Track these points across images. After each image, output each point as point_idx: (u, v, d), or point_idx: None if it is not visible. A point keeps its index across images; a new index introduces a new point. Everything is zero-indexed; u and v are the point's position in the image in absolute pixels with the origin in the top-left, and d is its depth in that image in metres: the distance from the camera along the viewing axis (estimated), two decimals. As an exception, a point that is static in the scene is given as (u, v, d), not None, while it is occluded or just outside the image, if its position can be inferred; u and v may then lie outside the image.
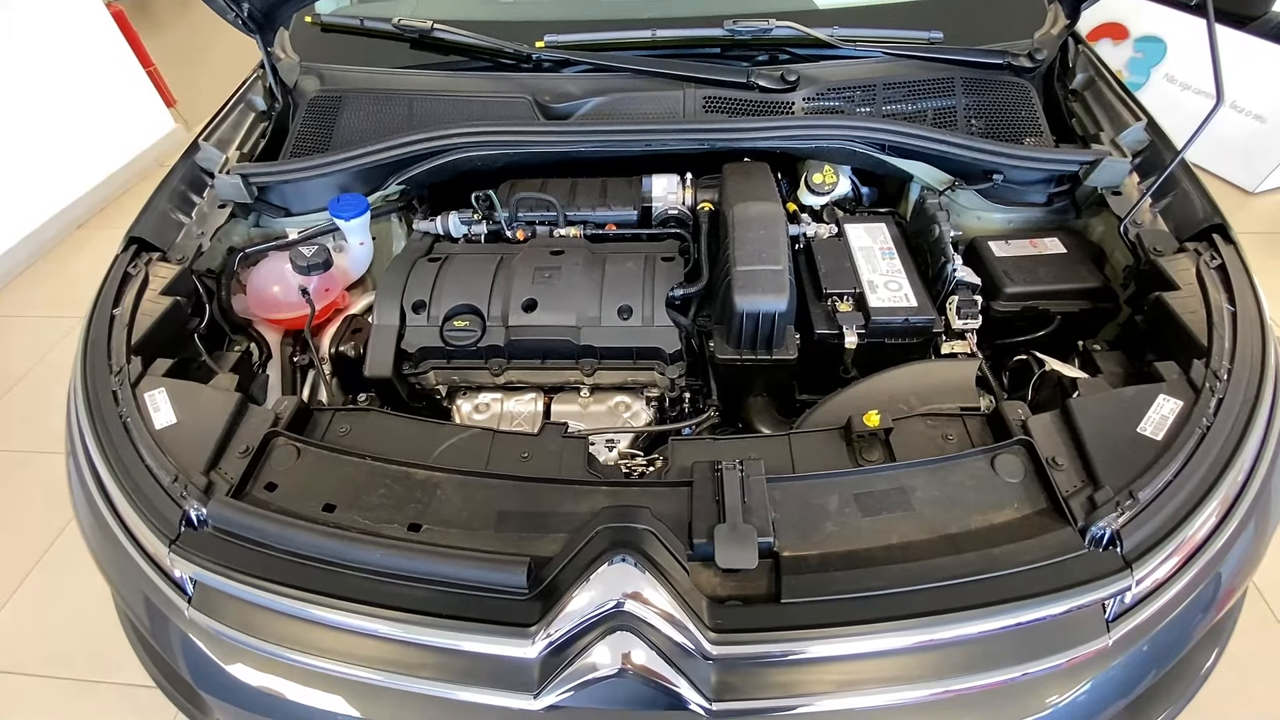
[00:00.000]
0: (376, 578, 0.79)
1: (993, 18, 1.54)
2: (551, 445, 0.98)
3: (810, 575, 0.76)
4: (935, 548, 0.79)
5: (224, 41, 5.50)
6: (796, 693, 0.74)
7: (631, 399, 1.21)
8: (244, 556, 0.81)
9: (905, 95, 1.39)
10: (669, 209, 1.37)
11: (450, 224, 1.38)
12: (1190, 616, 0.84)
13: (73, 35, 3.63)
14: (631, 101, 1.39)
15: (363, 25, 1.51)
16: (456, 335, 1.17)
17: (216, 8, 1.35)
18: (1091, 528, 0.77)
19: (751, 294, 1.09)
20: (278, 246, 1.37)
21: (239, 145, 1.40)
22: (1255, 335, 0.93)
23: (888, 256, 1.26)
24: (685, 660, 0.73)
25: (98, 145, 3.80)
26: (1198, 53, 3.46)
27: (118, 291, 1.11)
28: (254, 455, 0.91)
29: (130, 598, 0.94)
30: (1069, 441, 0.87)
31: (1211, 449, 0.82)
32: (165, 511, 0.85)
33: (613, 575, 0.74)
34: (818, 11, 1.60)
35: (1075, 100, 1.37)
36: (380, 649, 0.78)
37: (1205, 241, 1.07)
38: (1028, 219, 1.33)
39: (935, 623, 0.73)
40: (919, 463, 0.87)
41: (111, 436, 0.92)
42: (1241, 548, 0.87)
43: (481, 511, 0.86)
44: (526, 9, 1.70)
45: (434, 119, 1.40)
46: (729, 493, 0.81)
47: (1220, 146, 3.47)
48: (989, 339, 1.23)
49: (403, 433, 1.01)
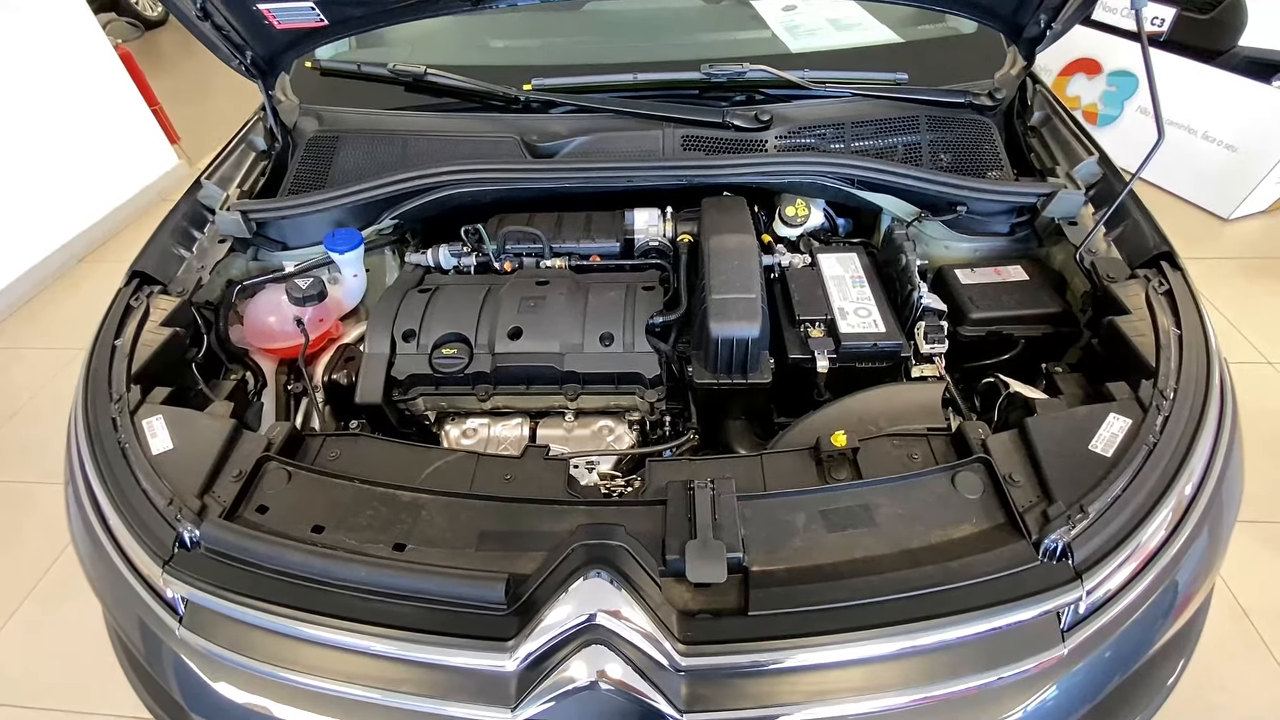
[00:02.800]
0: (362, 595, 0.82)
1: (955, 60, 1.63)
2: (533, 467, 1.02)
3: (777, 589, 0.80)
4: (897, 561, 0.83)
5: (226, 81, 5.66)
6: (766, 703, 0.77)
7: (614, 423, 1.25)
8: (235, 576, 0.85)
9: (873, 133, 1.46)
10: (650, 241, 1.43)
11: (441, 256, 1.44)
12: (1150, 622, 0.87)
13: (81, 74, 3.76)
14: (614, 140, 1.46)
15: (360, 70, 1.59)
16: (445, 363, 1.22)
17: (222, 56, 1.43)
18: (1044, 541, 0.81)
19: (726, 321, 1.14)
20: (275, 279, 1.42)
21: (239, 183, 1.47)
22: (1200, 357, 0.98)
23: (858, 285, 1.32)
24: (657, 672, 0.76)
25: (102, 180, 3.90)
26: (1168, 87, 3.60)
27: (119, 323, 1.16)
28: (246, 479, 0.95)
29: (123, 619, 0.96)
30: (1025, 459, 0.91)
31: (1158, 464, 0.87)
32: (159, 533, 0.89)
33: (588, 590, 0.78)
34: (790, 55, 1.69)
35: (1033, 136, 1.45)
36: (365, 665, 0.81)
37: (1154, 268, 1.13)
38: (992, 248, 1.40)
39: (897, 633, 0.76)
40: (883, 480, 0.91)
41: (109, 461, 0.96)
42: (1195, 556, 0.90)
43: (464, 531, 0.89)
44: (514, 55, 1.79)
45: (426, 158, 1.46)
46: (700, 510, 0.85)
47: (1195, 176, 3.59)
48: (957, 363, 1.28)
49: (391, 457, 1.05)
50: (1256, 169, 3.34)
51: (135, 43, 5.44)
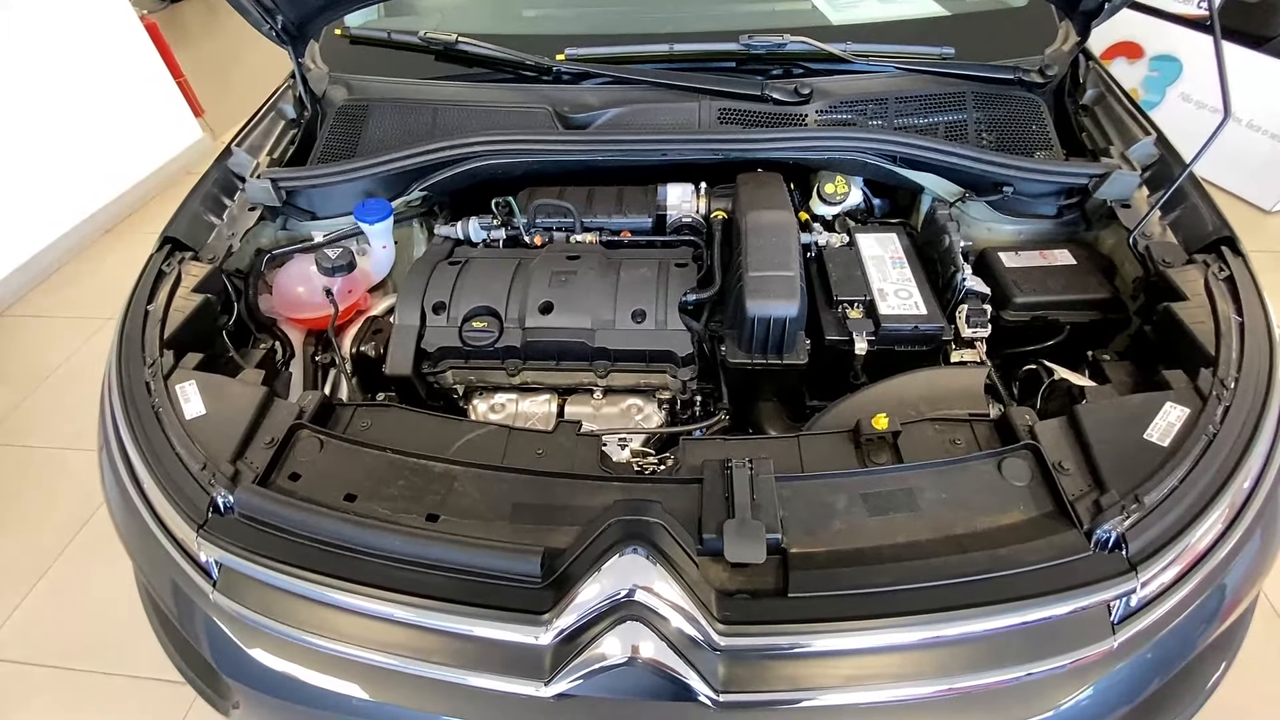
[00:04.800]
0: (395, 564, 0.81)
1: (1004, 34, 1.57)
2: (566, 443, 1.00)
3: (817, 571, 0.78)
4: (941, 547, 0.80)
5: (251, 54, 5.67)
6: (803, 686, 0.75)
7: (644, 401, 1.24)
8: (268, 542, 0.84)
9: (917, 109, 1.41)
10: (683, 217, 1.40)
11: (470, 229, 1.42)
12: (1195, 623, 0.84)
13: (108, 45, 3.76)
14: (648, 113, 1.43)
15: (390, 38, 1.57)
16: (475, 336, 1.20)
17: (252, 20, 1.41)
18: (1097, 530, 0.78)
19: (763, 299, 1.11)
20: (304, 249, 1.41)
21: (269, 151, 1.45)
22: (1263, 346, 0.94)
23: (898, 265, 1.28)
24: (694, 651, 0.75)
25: (128, 152, 3.92)
26: (1212, 72, 3.47)
27: (152, 288, 1.16)
28: (279, 446, 0.94)
29: (156, 582, 0.97)
30: (1075, 446, 0.88)
31: (1217, 456, 0.83)
32: (194, 497, 0.89)
33: (624, 566, 0.76)
34: (831, 27, 1.64)
35: (1085, 115, 1.40)
36: (397, 634, 0.81)
37: (1214, 254, 1.09)
38: (1037, 231, 1.35)
39: (940, 619, 0.74)
40: (926, 464, 0.88)
41: (144, 425, 0.96)
42: (1248, 557, 0.87)
43: (497, 504, 0.88)
44: (548, 23, 1.75)
45: (457, 128, 1.44)
46: (738, 490, 0.83)
47: (1236, 165, 3.46)
48: (998, 348, 1.24)
49: (422, 428, 1.04)
50: (1303, 160, 3.22)
51: (160, 14, 5.44)
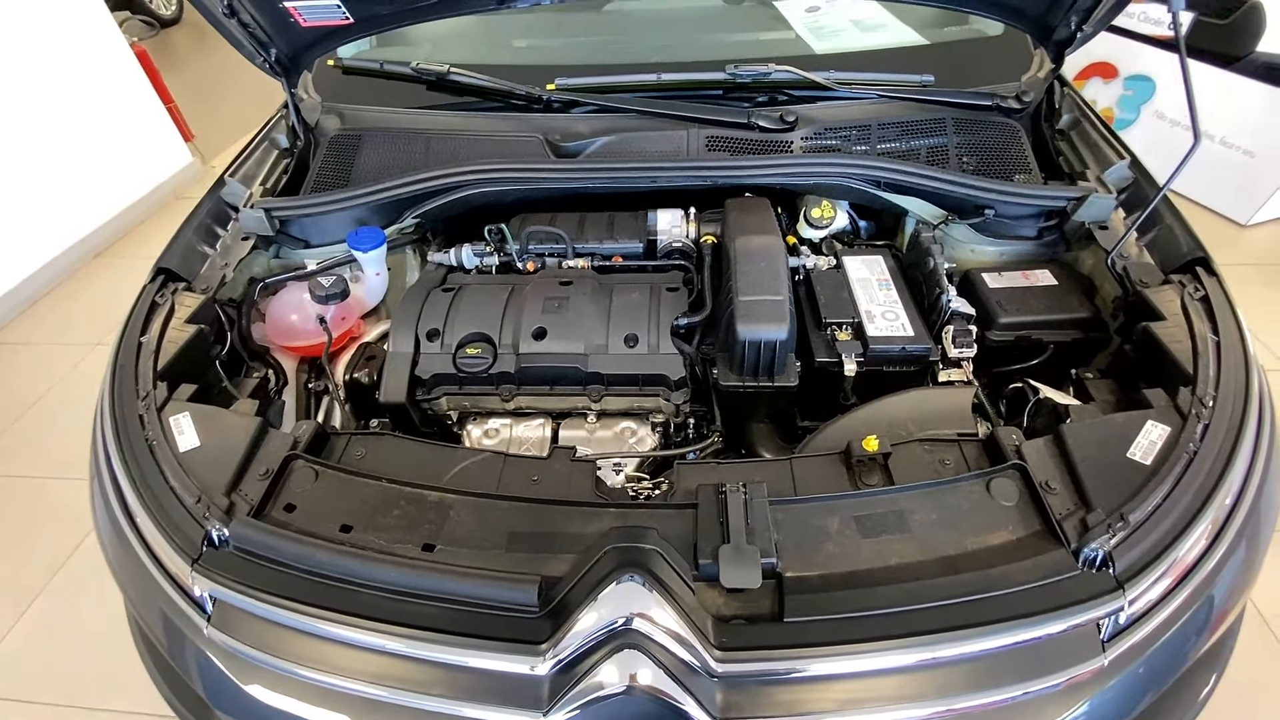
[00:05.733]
0: (391, 596, 0.81)
1: (981, 62, 1.62)
2: (561, 468, 1.01)
3: (812, 595, 0.79)
4: (933, 569, 0.82)
5: (241, 78, 5.68)
6: (801, 711, 0.76)
7: (637, 425, 1.25)
8: (264, 575, 0.84)
9: (899, 134, 1.45)
10: (673, 242, 1.43)
11: (464, 256, 1.43)
12: (1185, 638, 0.86)
13: (98, 71, 3.78)
14: (638, 140, 1.46)
15: (382, 68, 1.59)
16: (469, 362, 1.21)
17: (245, 54, 1.43)
18: (1084, 549, 0.80)
19: (753, 323, 1.13)
20: (297, 277, 1.42)
21: (262, 181, 1.47)
22: (1238, 364, 0.97)
23: (884, 287, 1.31)
24: (691, 678, 0.75)
25: (117, 177, 3.92)
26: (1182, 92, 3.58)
27: (145, 319, 1.16)
28: (274, 477, 0.95)
29: (149, 616, 0.96)
30: (1061, 466, 0.90)
31: (1199, 473, 0.85)
32: (188, 531, 0.89)
33: (621, 594, 0.77)
34: (814, 56, 1.68)
35: (1062, 139, 1.44)
36: (394, 666, 0.80)
37: (1189, 274, 1.12)
38: (1019, 252, 1.38)
39: (933, 641, 0.75)
40: (916, 486, 0.90)
41: (137, 458, 0.96)
42: (1233, 570, 0.89)
43: (493, 532, 0.89)
44: (538, 54, 1.78)
45: (449, 157, 1.46)
46: (733, 514, 0.84)
47: (1213, 181, 3.56)
48: (985, 368, 1.26)
49: (417, 456, 1.04)
50: (1274, 174, 3.31)
51: (150, 40, 5.47)
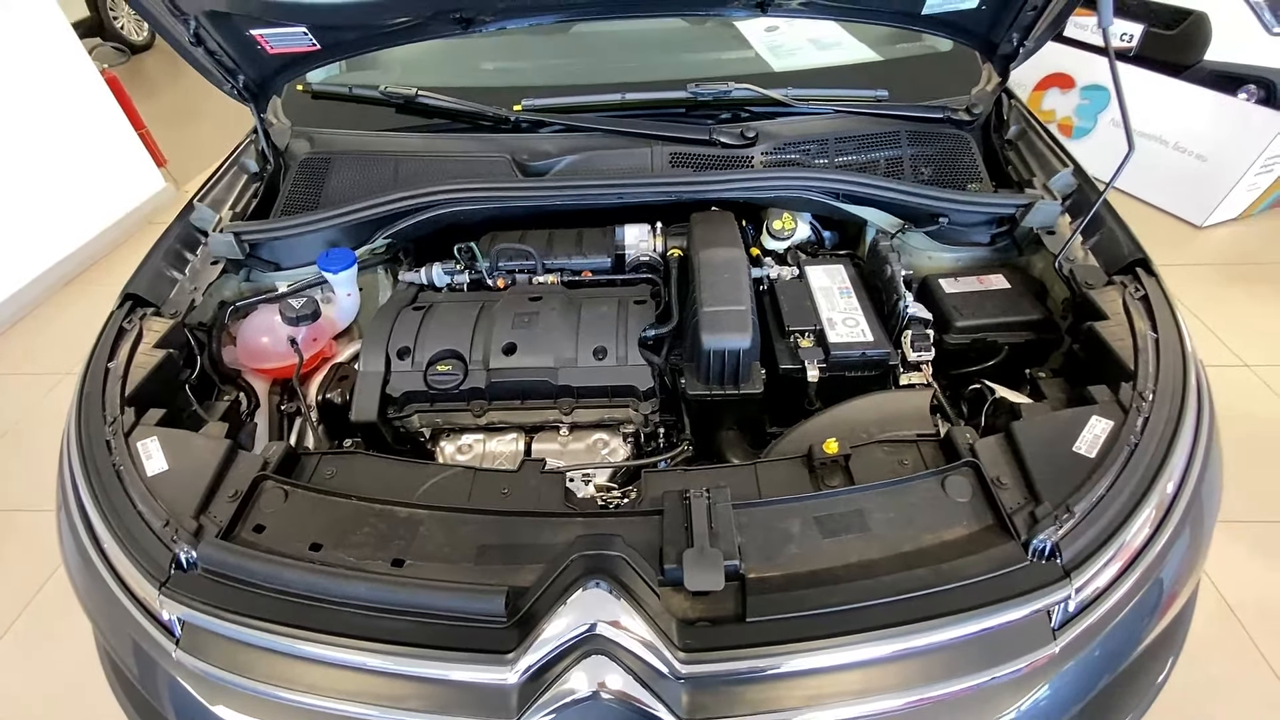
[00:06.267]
0: (362, 612, 0.82)
1: (933, 77, 1.68)
2: (530, 481, 1.02)
3: (774, 595, 0.81)
4: (891, 565, 0.84)
5: (213, 104, 5.67)
6: (765, 709, 0.77)
7: (609, 436, 1.26)
8: (232, 596, 0.84)
9: (856, 147, 1.50)
10: (641, 256, 1.46)
11: (434, 274, 1.45)
12: (1135, 622, 0.89)
13: (68, 100, 3.77)
14: (604, 158, 1.49)
15: (351, 92, 1.62)
16: (440, 379, 1.23)
17: (214, 81, 1.45)
18: (1033, 541, 0.83)
19: (718, 333, 1.16)
20: (268, 300, 1.43)
21: (231, 205, 1.48)
22: (1176, 359, 1.01)
23: (845, 295, 1.35)
24: (658, 681, 0.77)
25: (89, 204, 3.89)
26: (1140, 100, 3.72)
27: (113, 345, 1.16)
28: (243, 499, 0.95)
29: (118, 644, 0.95)
30: (1012, 462, 0.93)
31: (1140, 464, 0.89)
32: (155, 555, 0.89)
33: (587, 601, 0.78)
34: (773, 74, 1.74)
35: (1010, 149, 1.50)
36: (366, 682, 0.81)
37: (1130, 274, 1.17)
38: (974, 257, 1.43)
39: (893, 635, 0.77)
40: (874, 485, 0.93)
41: (104, 484, 0.96)
42: (1179, 555, 0.92)
43: (462, 546, 0.90)
44: (505, 76, 1.82)
45: (419, 177, 1.48)
46: (697, 519, 0.86)
47: (1169, 185, 3.69)
48: (943, 370, 1.30)
49: (388, 473, 1.05)
50: (1226, 177, 3.44)
51: (121, 67, 5.44)
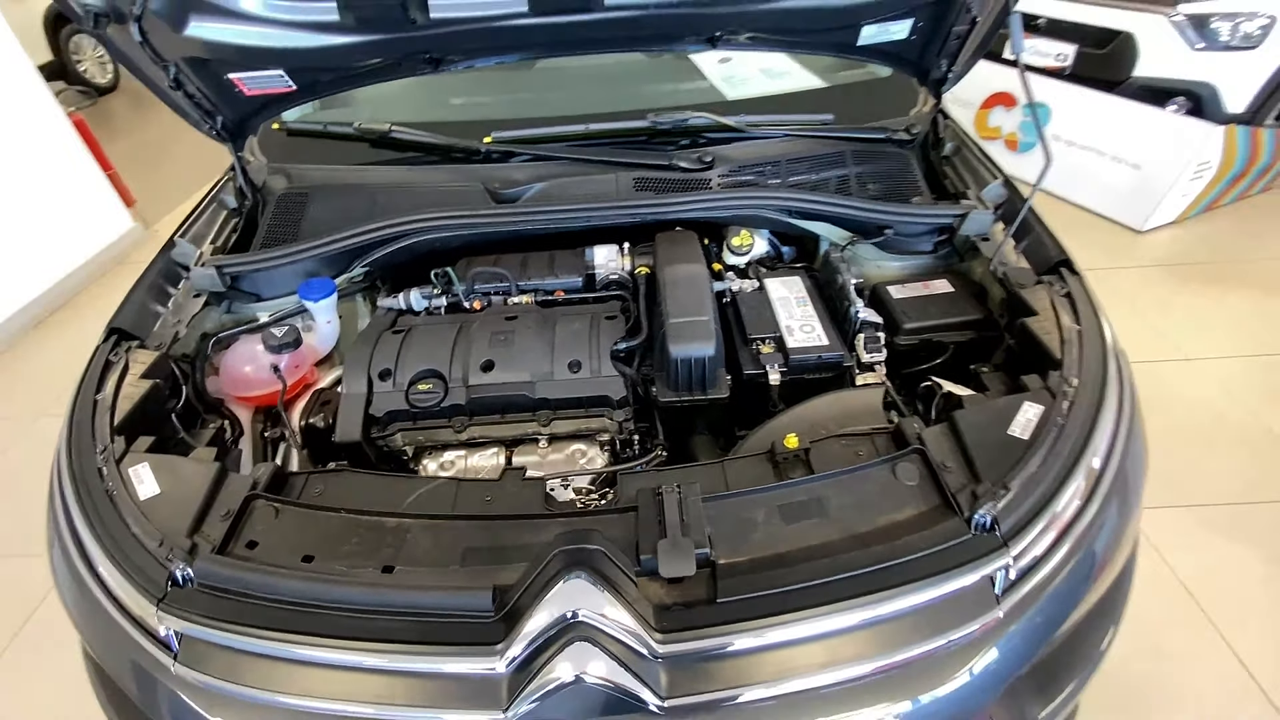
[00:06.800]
0: (355, 615, 0.87)
1: (874, 101, 1.81)
2: (512, 489, 1.08)
3: (742, 577, 0.88)
4: (848, 545, 0.91)
5: (182, 143, 5.71)
6: (738, 683, 0.83)
7: (587, 446, 1.33)
8: (229, 608, 0.88)
9: (806, 168, 1.61)
10: (610, 274, 1.54)
11: (412, 299, 1.51)
12: (1073, 586, 0.96)
13: (36, 144, 3.77)
14: (571, 184, 1.58)
15: (326, 129, 1.69)
16: (421, 398, 1.28)
17: (192, 122, 1.51)
18: (974, 516, 0.91)
19: (684, 342, 1.24)
20: (249, 330, 1.47)
21: (212, 240, 1.53)
22: (1097, 349, 1.12)
23: (802, 304, 1.44)
24: (638, 663, 0.83)
25: (59, 245, 3.88)
26: (1077, 114, 3.96)
27: (100, 377, 1.20)
28: (235, 517, 0.99)
29: (115, 665, 0.98)
30: (955, 447, 1.02)
31: (1067, 442, 0.99)
32: (152, 573, 0.92)
33: (569, 592, 0.84)
34: (727, 102, 1.85)
35: (947, 164, 1.62)
36: (362, 682, 0.85)
37: (1056, 275, 1.28)
38: (919, 265, 1.54)
39: (850, 607, 0.85)
40: (831, 474, 1.00)
41: (98, 509, 0.99)
42: (1108, 524, 1.01)
43: (448, 550, 0.95)
44: (474, 110, 1.91)
45: (395, 208, 1.55)
46: (669, 512, 0.93)
47: (1109, 193, 3.90)
48: (895, 369, 1.40)
49: (374, 488, 1.10)
50: (1161, 184, 3.66)
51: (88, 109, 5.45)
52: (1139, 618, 1.89)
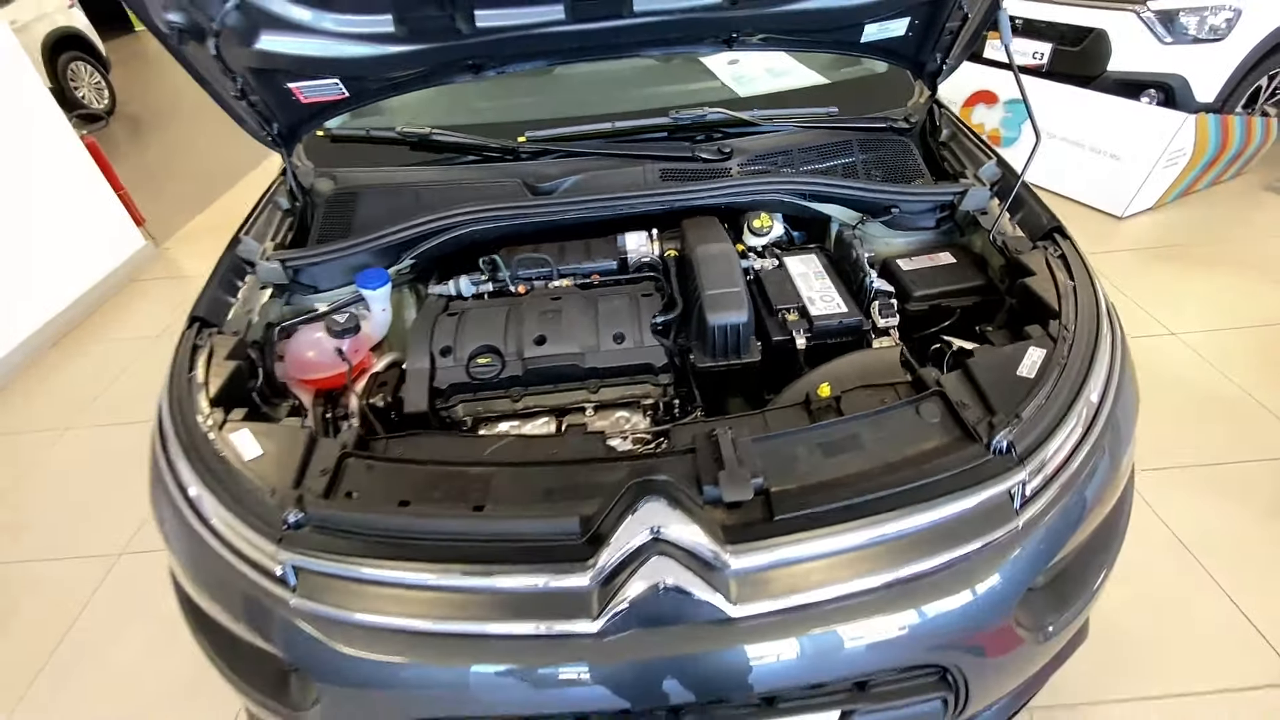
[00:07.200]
0: (456, 543, 0.98)
1: (875, 94, 1.97)
2: (575, 442, 1.20)
3: (793, 499, 1.00)
4: (883, 471, 1.04)
5: (178, 166, 5.83)
6: (793, 589, 0.96)
7: (630, 413, 1.45)
8: (342, 544, 1.00)
9: (816, 157, 1.76)
10: (641, 258, 1.67)
11: (462, 285, 1.64)
12: (1078, 503, 1.09)
13: (51, 165, 3.88)
14: (602, 177, 1.71)
15: (369, 134, 1.81)
16: (481, 370, 1.40)
17: (250, 129, 1.63)
18: (993, 442, 1.04)
19: (720, 311, 1.37)
20: (310, 319, 1.59)
21: (271, 237, 1.65)
22: (1090, 300, 1.27)
23: (820, 278, 1.58)
24: (709, 573, 0.95)
25: (74, 265, 3.97)
26: (1055, 110, 4.15)
27: (190, 359, 1.31)
28: (333, 472, 1.10)
29: (229, 606, 1.08)
30: (971, 388, 1.16)
31: (1069, 378, 1.12)
32: (267, 519, 1.03)
33: (646, 514, 0.96)
34: (739, 99, 2.00)
35: (944, 149, 1.78)
36: (465, 601, 0.96)
37: (1049, 240, 1.43)
38: (924, 240, 1.69)
39: (887, 519, 0.98)
40: (863, 415, 1.13)
41: (211, 469, 1.10)
42: (1106, 450, 1.14)
43: (530, 492, 1.07)
44: (509, 112, 2.04)
45: (439, 204, 1.67)
46: (725, 450, 1.05)
47: (1090, 183, 4.09)
48: (908, 334, 1.53)
49: (449, 447, 1.22)
50: (1138, 172, 3.84)
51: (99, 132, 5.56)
52: (1138, 573, 2.03)
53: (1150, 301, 3.25)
